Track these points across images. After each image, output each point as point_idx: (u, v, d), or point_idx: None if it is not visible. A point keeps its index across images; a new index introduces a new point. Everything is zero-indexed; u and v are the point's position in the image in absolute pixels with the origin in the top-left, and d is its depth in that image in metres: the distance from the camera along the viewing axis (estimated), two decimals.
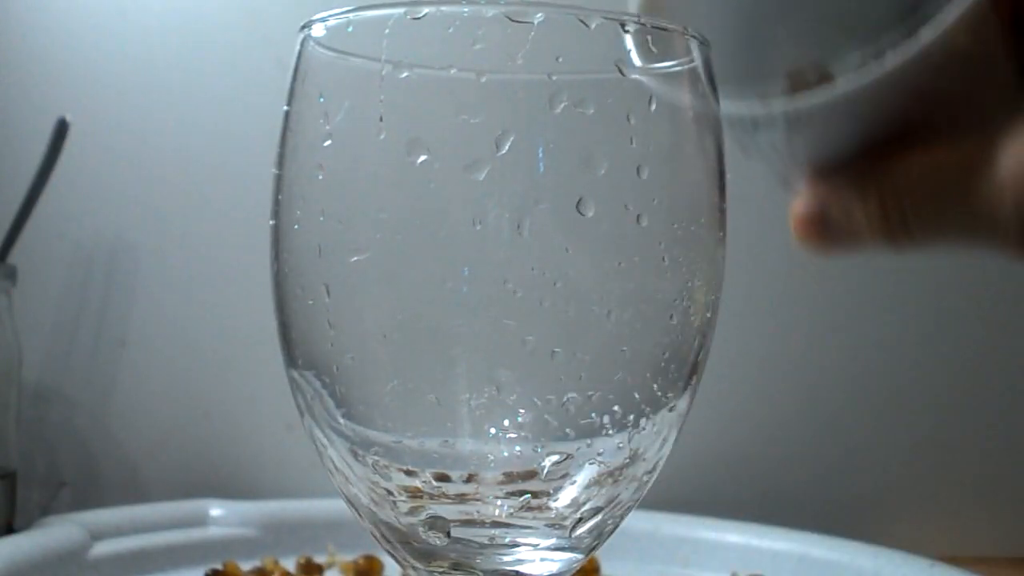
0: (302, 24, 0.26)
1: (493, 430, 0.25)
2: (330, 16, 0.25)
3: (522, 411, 0.25)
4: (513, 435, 0.25)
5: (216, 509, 0.62)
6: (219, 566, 0.55)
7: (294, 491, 0.69)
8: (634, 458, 0.26)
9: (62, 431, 0.74)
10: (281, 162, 0.26)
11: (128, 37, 0.74)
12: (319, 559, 0.58)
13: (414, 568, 0.27)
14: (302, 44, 0.26)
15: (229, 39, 0.75)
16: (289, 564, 0.57)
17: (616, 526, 0.28)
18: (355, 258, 0.24)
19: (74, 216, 0.74)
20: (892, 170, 0.30)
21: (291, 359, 0.26)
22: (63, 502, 0.73)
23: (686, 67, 0.26)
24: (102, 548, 0.56)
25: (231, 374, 0.74)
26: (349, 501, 0.27)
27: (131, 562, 0.56)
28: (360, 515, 0.27)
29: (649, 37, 0.25)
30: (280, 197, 0.26)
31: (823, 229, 0.32)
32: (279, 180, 0.26)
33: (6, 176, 0.71)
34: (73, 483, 0.74)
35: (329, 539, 0.60)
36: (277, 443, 0.73)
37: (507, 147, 0.24)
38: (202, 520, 0.61)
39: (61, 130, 0.67)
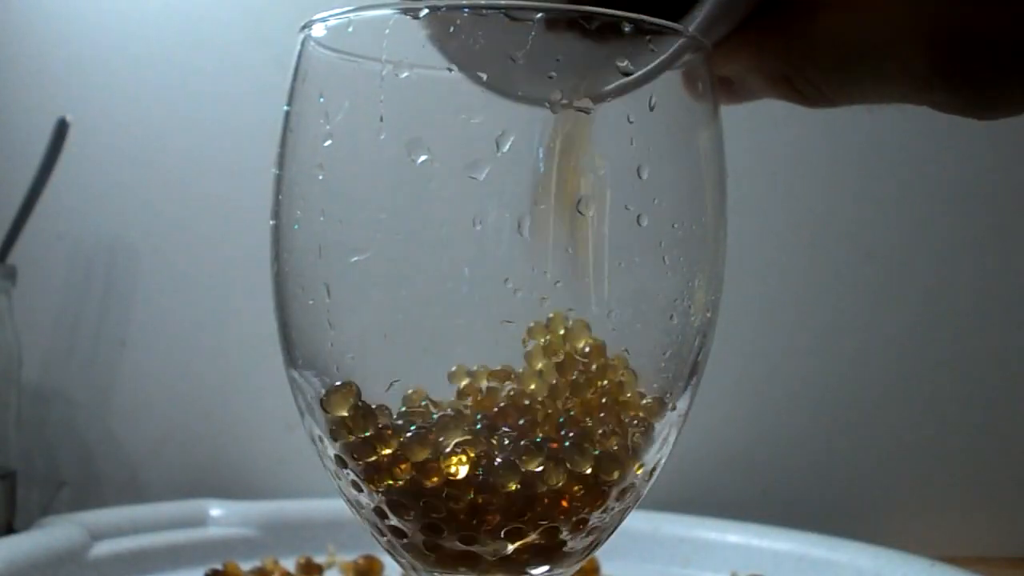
0: (302, 24, 0.26)
1: None
2: (330, 16, 0.25)
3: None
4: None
5: (216, 509, 0.62)
6: (219, 566, 0.55)
7: (294, 491, 0.69)
8: (634, 458, 0.26)
9: (62, 431, 0.74)
10: (281, 162, 0.26)
11: (128, 37, 0.74)
12: (319, 559, 0.58)
13: (414, 568, 0.27)
14: (302, 44, 0.26)
15: (229, 39, 0.75)
16: (289, 564, 0.57)
17: (616, 527, 0.28)
18: (355, 258, 0.24)
19: (74, 216, 0.74)
20: (780, 43, 0.28)
21: (291, 359, 0.26)
22: (63, 502, 0.73)
23: (685, 67, 0.26)
24: (102, 548, 0.56)
25: (231, 374, 0.74)
26: (349, 502, 0.27)
27: (131, 562, 0.56)
28: (360, 516, 0.27)
29: (648, 37, 0.25)
30: (280, 197, 0.26)
31: (724, 92, 0.30)
32: (279, 180, 0.26)
33: (6, 176, 0.71)
34: (73, 483, 0.74)
35: (329, 539, 0.60)
36: (277, 443, 0.73)
37: (507, 147, 0.24)
38: (202, 520, 0.61)
39: (61, 130, 0.67)
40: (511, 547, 0.25)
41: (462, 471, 0.24)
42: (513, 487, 0.24)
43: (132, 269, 0.74)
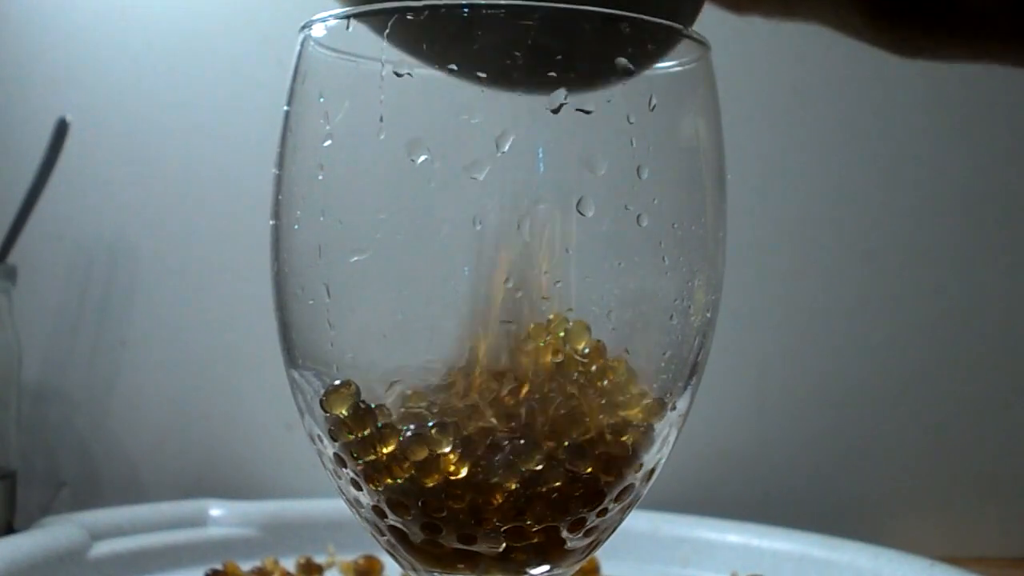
0: (302, 24, 0.26)
1: None
2: (330, 16, 0.25)
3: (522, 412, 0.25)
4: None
5: (216, 509, 0.62)
6: (219, 566, 0.55)
7: (294, 491, 0.69)
8: (634, 458, 0.26)
9: (62, 431, 0.74)
10: (281, 162, 0.26)
11: (128, 37, 0.74)
12: (319, 559, 0.58)
13: (413, 568, 0.27)
14: (302, 44, 0.26)
15: (229, 39, 0.75)
16: (289, 564, 0.57)
17: (616, 527, 0.28)
18: (355, 258, 0.24)
19: (74, 216, 0.74)
20: None
21: (291, 359, 0.26)
22: (63, 502, 0.73)
23: (685, 66, 0.26)
24: (102, 548, 0.55)
25: (231, 374, 0.74)
26: (349, 502, 0.27)
27: (131, 562, 0.56)
28: (360, 516, 0.27)
29: (648, 36, 0.25)
30: (280, 197, 0.26)
31: None
32: (279, 180, 0.26)
33: (6, 176, 0.71)
34: (73, 483, 0.74)
35: (329, 539, 0.60)
36: (277, 443, 0.73)
37: (507, 147, 0.24)
38: (202, 520, 0.61)
39: (61, 130, 0.67)
40: (511, 546, 0.25)
41: (463, 472, 0.24)
42: (512, 487, 0.24)
43: (132, 269, 0.75)
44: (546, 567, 0.26)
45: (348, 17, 0.25)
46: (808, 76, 0.76)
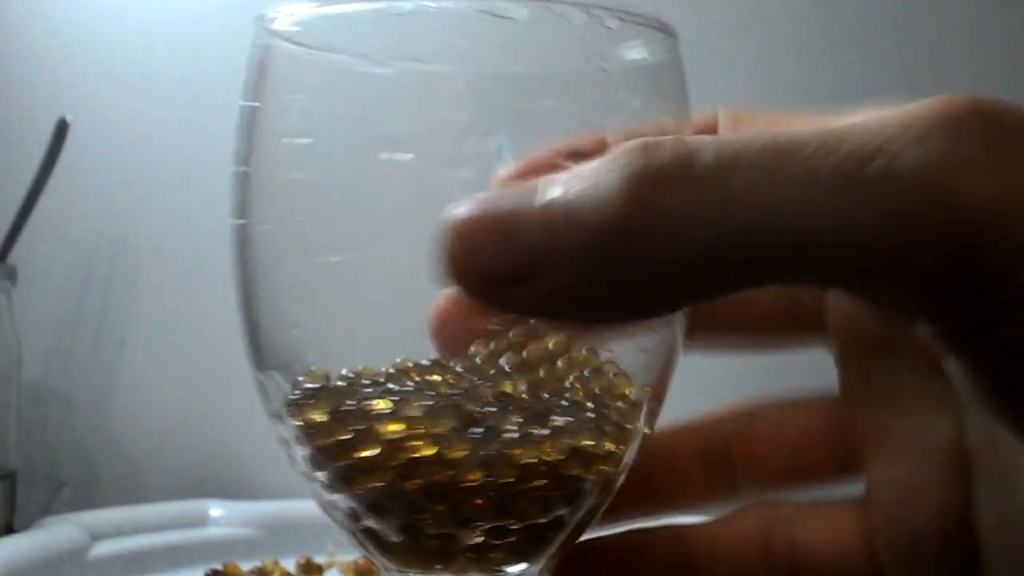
0: (266, 15, 0.25)
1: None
2: (301, 8, 0.25)
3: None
4: None
5: (216, 509, 0.62)
6: (219, 566, 0.55)
7: (294, 491, 0.68)
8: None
9: (62, 431, 0.74)
10: (247, 159, 0.25)
11: (128, 37, 0.74)
12: (319, 559, 0.58)
13: (386, 569, 0.26)
14: (269, 36, 0.26)
15: (229, 39, 0.75)
16: (289, 564, 0.57)
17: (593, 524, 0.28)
18: (328, 258, 0.24)
19: (74, 216, 0.74)
20: None
21: (259, 361, 0.26)
22: (63, 502, 0.73)
23: (654, 59, 0.26)
24: (102, 548, 0.56)
25: (231, 374, 0.74)
26: (323, 507, 0.27)
27: (131, 562, 0.56)
28: (334, 520, 0.27)
29: (633, 33, 0.25)
30: (248, 195, 0.25)
31: None
32: (245, 177, 0.26)
33: (6, 176, 0.71)
34: (73, 483, 0.74)
35: (329, 539, 0.59)
36: (277, 443, 0.73)
37: (489, 145, 0.23)
38: (202, 520, 0.61)
39: (61, 130, 0.67)
40: (490, 544, 0.25)
41: (444, 474, 0.24)
42: (495, 485, 0.24)
43: (132, 269, 0.75)
44: (524, 565, 0.26)
45: (321, 10, 0.24)
46: (805, 74, 0.76)
